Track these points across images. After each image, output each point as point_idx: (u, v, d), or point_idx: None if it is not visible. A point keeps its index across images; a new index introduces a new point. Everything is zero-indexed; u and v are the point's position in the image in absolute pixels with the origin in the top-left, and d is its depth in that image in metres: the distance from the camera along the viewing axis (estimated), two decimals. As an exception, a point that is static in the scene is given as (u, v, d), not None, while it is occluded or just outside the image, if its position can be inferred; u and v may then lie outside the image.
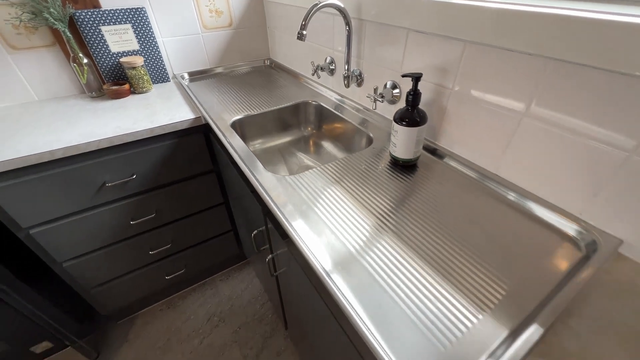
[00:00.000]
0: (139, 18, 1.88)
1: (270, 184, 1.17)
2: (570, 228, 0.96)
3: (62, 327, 1.69)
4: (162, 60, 2.06)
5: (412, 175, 1.22)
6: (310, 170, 1.24)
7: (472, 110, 1.15)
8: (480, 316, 0.74)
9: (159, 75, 2.07)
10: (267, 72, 2.36)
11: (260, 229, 1.41)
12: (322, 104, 1.81)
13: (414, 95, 1.16)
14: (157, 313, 2.24)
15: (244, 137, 1.70)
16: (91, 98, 1.89)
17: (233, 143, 1.41)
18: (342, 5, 1.41)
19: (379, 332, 0.70)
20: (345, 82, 1.64)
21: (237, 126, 1.66)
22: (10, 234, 1.59)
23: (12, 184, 1.40)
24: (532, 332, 0.71)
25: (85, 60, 1.80)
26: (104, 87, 1.87)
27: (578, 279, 0.82)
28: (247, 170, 1.25)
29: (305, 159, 1.70)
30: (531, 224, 0.98)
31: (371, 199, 1.10)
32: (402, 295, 0.78)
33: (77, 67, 1.78)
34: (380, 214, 1.03)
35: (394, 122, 1.22)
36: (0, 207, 1.43)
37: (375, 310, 0.74)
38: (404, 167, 1.27)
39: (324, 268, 0.85)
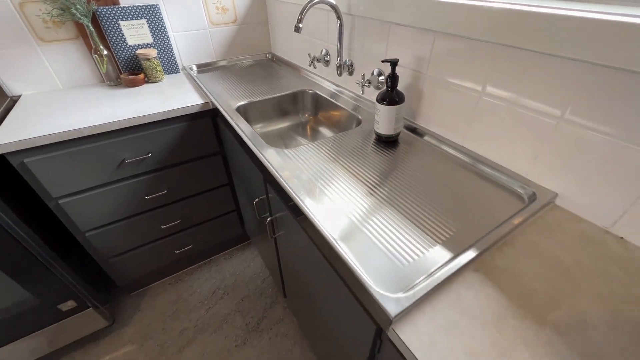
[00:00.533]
0: (153, 14, 2.13)
1: (271, 155, 1.41)
2: (517, 185, 1.20)
3: (85, 291, 1.92)
4: (173, 53, 2.31)
5: (393, 149, 1.45)
6: (303, 146, 1.48)
7: (443, 92, 1.40)
8: (433, 247, 0.98)
9: (170, 66, 2.31)
10: (269, 65, 2.62)
11: (262, 197, 1.65)
12: (318, 92, 2.06)
13: (392, 78, 1.39)
14: (166, 286, 2.47)
15: (247, 121, 1.94)
16: (109, 86, 2.14)
17: (239, 123, 1.65)
18: (334, 2, 1.65)
19: (357, 259, 0.96)
20: (338, 71, 1.89)
21: (241, 111, 1.91)
22: (41, 205, 1.83)
23: (46, 158, 1.64)
24: (468, 255, 0.95)
25: (105, 52, 2.05)
26: (121, 76, 2.12)
27: (515, 221, 1.06)
28: (251, 144, 1.48)
29: (302, 141, 1.93)
30: (487, 184, 1.23)
31: (356, 166, 1.34)
32: (375, 232, 1.03)
33: (98, 58, 2.03)
34: (362, 177, 1.28)
35: (376, 103, 1.45)
36: (36, 178, 1.65)
37: (354, 244, 1.00)
38: (387, 142, 1.50)
39: (316, 217, 1.10)
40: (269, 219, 1.61)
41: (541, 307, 0.83)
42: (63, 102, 1.92)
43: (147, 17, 2.12)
